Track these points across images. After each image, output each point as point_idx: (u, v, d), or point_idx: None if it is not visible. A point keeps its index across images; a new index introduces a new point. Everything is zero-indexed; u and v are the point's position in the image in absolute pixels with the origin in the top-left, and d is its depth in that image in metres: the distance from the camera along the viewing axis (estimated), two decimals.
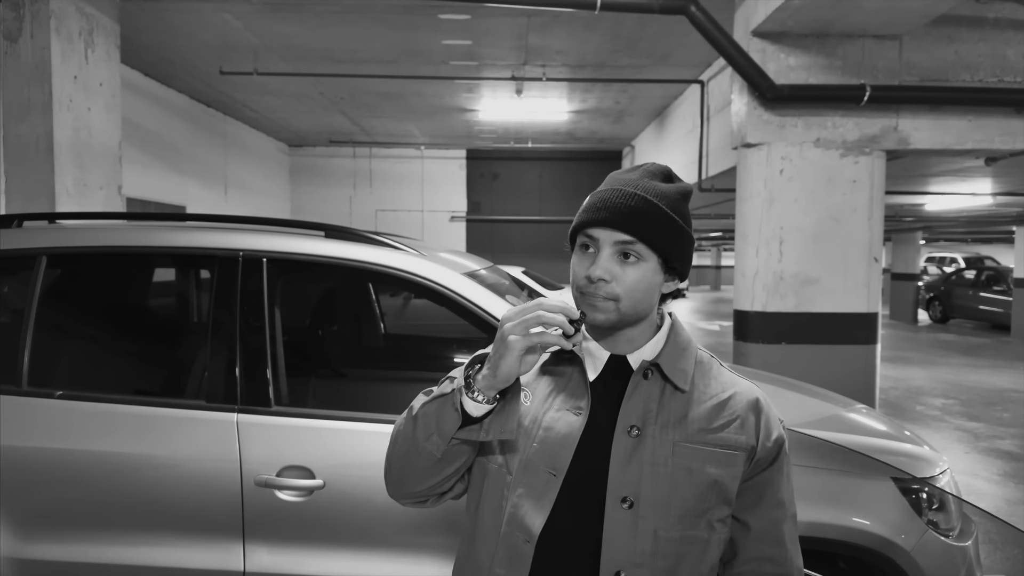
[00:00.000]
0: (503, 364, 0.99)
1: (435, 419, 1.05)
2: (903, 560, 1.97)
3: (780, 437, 1.12)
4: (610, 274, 1.04)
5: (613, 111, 9.27)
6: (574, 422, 1.07)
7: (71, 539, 2.03)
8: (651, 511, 1.03)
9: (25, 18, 3.96)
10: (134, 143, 7.41)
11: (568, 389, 1.10)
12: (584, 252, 1.07)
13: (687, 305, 21.66)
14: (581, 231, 1.08)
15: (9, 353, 2.15)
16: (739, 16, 4.53)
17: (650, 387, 1.08)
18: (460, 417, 1.03)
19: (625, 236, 1.04)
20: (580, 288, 1.06)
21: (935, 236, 22.85)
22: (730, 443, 1.07)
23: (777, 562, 1.13)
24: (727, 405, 1.10)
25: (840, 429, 2.32)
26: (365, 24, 6.00)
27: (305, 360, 2.66)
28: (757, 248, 4.50)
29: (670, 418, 1.07)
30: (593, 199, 1.08)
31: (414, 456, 1.08)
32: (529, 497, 1.06)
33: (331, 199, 12.67)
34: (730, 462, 1.07)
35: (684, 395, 1.08)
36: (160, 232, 2.35)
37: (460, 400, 1.03)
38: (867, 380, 4.59)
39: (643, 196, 1.05)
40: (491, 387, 1.01)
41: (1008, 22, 4.46)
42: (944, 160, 7.19)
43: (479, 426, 1.04)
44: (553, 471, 1.05)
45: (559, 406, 1.09)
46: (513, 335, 0.98)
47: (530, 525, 1.05)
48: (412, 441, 1.08)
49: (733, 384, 1.13)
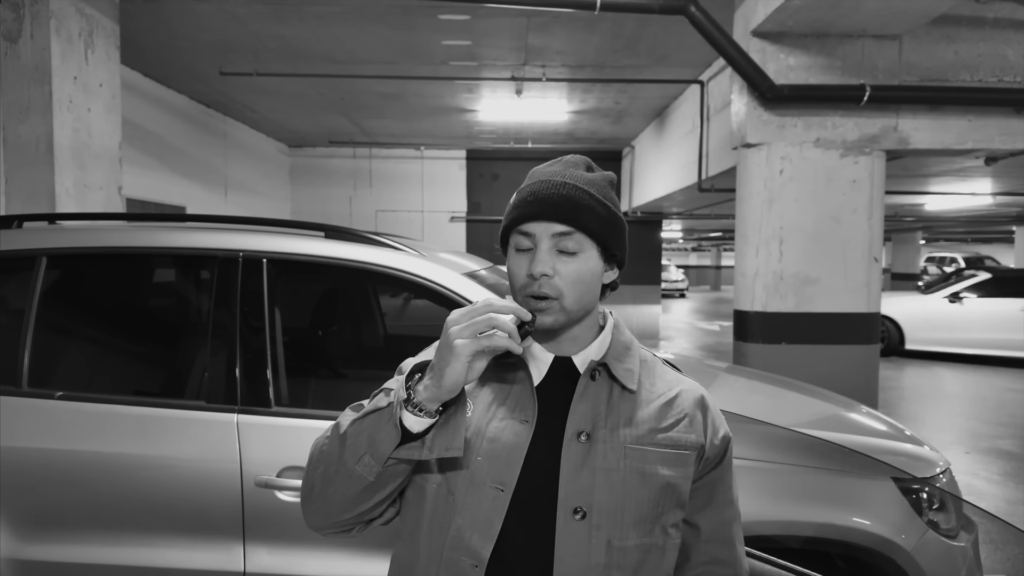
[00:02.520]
0: (449, 372, 0.90)
1: (368, 438, 0.94)
2: (903, 560, 1.97)
3: (727, 434, 1.10)
4: (552, 269, 0.99)
5: (613, 111, 9.27)
6: (521, 431, 1.00)
7: (71, 540, 2.03)
8: (604, 520, 0.98)
9: (25, 19, 3.96)
10: (134, 144, 7.41)
11: (512, 396, 1.03)
12: (520, 252, 1.02)
13: (687, 305, 21.65)
14: (514, 229, 1.02)
15: (9, 354, 2.15)
16: (739, 16, 4.53)
17: (598, 389, 1.03)
18: (399, 434, 0.93)
19: (563, 227, 0.99)
20: (523, 288, 1.00)
21: (935, 236, 22.87)
22: (680, 442, 1.03)
23: (728, 563, 1.10)
24: (674, 403, 1.06)
25: (840, 429, 2.32)
26: (365, 25, 6.00)
27: (305, 360, 2.66)
28: (757, 248, 4.50)
29: (619, 420, 1.02)
30: (522, 195, 1.03)
31: (342, 480, 0.97)
32: (475, 517, 0.98)
33: (331, 199, 12.67)
34: (682, 462, 1.03)
35: (632, 395, 1.04)
36: (160, 233, 2.35)
37: (399, 415, 0.93)
38: (867, 380, 4.59)
39: (573, 184, 1.01)
40: (435, 399, 0.92)
41: (1008, 22, 4.46)
42: (944, 160, 7.19)
43: (420, 443, 0.94)
44: (500, 486, 0.98)
45: (504, 415, 1.02)
46: (460, 339, 0.90)
47: (478, 548, 0.96)
48: (339, 463, 0.97)
49: (678, 382, 1.10)
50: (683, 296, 25.76)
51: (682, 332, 13.96)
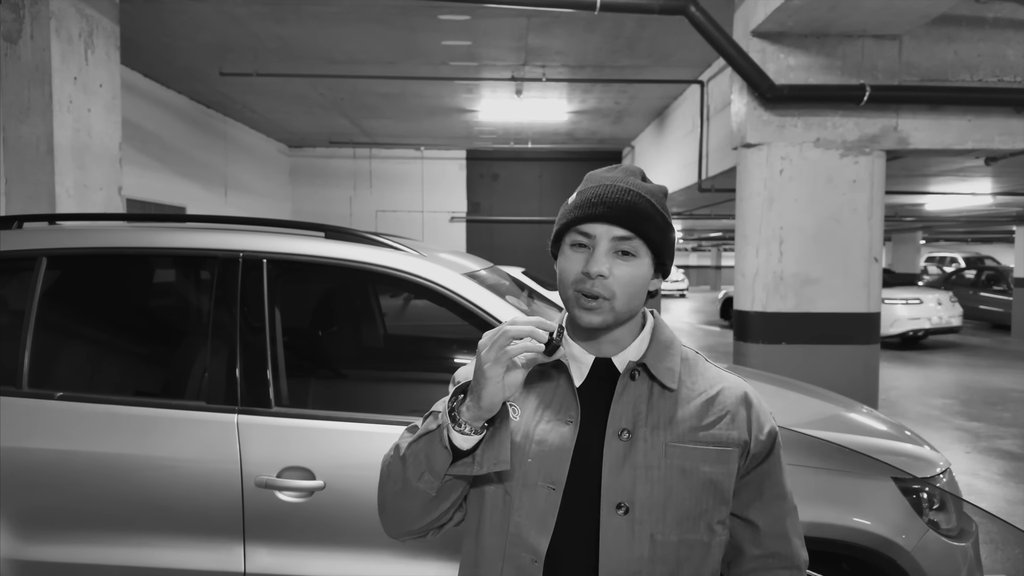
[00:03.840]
0: (485, 394, 0.96)
1: (424, 458, 1.02)
2: (904, 560, 1.97)
3: (773, 429, 1.11)
4: (608, 270, 1.01)
5: (613, 111, 9.27)
6: (566, 432, 1.04)
7: (72, 540, 2.03)
8: (647, 515, 1.01)
9: (25, 19, 3.96)
10: (134, 144, 7.41)
11: (556, 398, 1.08)
12: (577, 250, 1.04)
13: (687, 305, 21.66)
14: (573, 227, 1.05)
15: (9, 354, 2.15)
16: (739, 16, 4.53)
17: (638, 388, 1.06)
18: (450, 453, 1.00)
19: (624, 232, 1.02)
20: (576, 285, 1.03)
21: (935, 236, 22.87)
22: (722, 439, 1.05)
23: (784, 557, 1.11)
24: (716, 401, 1.08)
25: (841, 429, 2.32)
26: (365, 25, 6.00)
27: (305, 361, 2.66)
28: (757, 248, 4.50)
29: (660, 419, 1.04)
30: (586, 195, 1.05)
31: (408, 496, 1.05)
32: (531, 515, 1.04)
33: (331, 200, 12.67)
34: (724, 459, 1.05)
35: (672, 394, 1.06)
36: (160, 233, 2.35)
37: (448, 436, 1.00)
38: (868, 380, 4.59)
39: (638, 192, 1.04)
40: (477, 418, 0.99)
41: (1008, 22, 4.46)
42: (944, 160, 7.19)
43: (471, 459, 1.01)
44: (552, 485, 1.03)
45: (549, 417, 1.06)
46: (489, 363, 0.96)
47: (535, 544, 1.02)
48: (404, 481, 1.05)
49: (720, 379, 1.11)
50: (683, 296, 25.76)
51: (682, 332, 13.96)
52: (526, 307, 2.51)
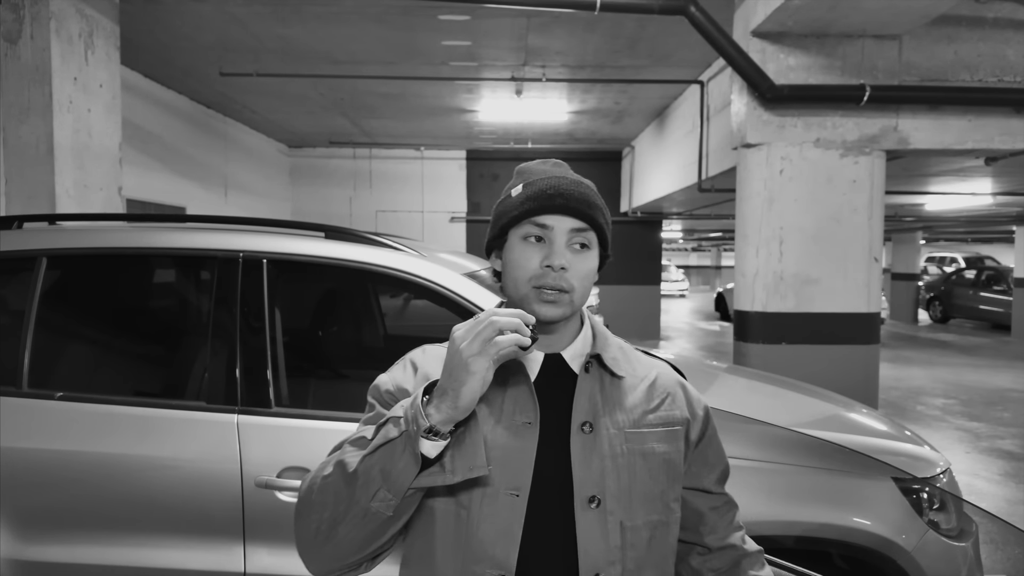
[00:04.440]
0: (466, 391, 0.89)
1: (381, 472, 0.92)
2: (904, 560, 1.97)
3: (705, 404, 1.16)
4: (569, 263, 1.00)
5: (613, 111, 9.27)
6: (527, 433, 1.00)
7: (72, 540, 2.03)
8: (616, 505, 1.01)
9: (25, 20, 3.96)
10: (134, 144, 7.41)
11: (511, 399, 1.02)
12: (532, 243, 1.02)
13: (687, 305, 21.65)
14: (528, 220, 1.02)
15: (10, 354, 2.15)
16: (738, 16, 4.53)
17: (592, 380, 1.06)
18: (419, 463, 0.91)
19: (581, 223, 1.02)
20: (534, 279, 1.00)
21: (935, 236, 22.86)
22: (668, 420, 1.09)
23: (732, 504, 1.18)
24: (656, 385, 1.11)
25: (841, 429, 2.32)
26: (365, 25, 6.00)
27: (305, 361, 2.66)
28: (757, 248, 4.50)
29: (615, 407, 1.05)
30: (539, 186, 1.03)
31: (355, 520, 0.94)
32: (495, 527, 0.97)
33: (331, 200, 12.66)
34: (674, 438, 1.08)
35: (620, 382, 1.08)
36: (160, 233, 2.36)
37: (417, 443, 0.90)
38: (868, 380, 4.59)
39: (588, 184, 1.06)
40: (450, 420, 0.90)
41: (1008, 22, 4.46)
42: (944, 160, 7.18)
43: (439, 467, 0.92)
44: (515, 491, 0.97)
45: (507, 420, 1.01)
46: (472, 355, 0.88)
47: (502, 557, 0.96)
48: (350, 503, 0.94)
49: (653, 365, 1.15)
50: (683, 296, 25.76)
51: (683, 332, 13.96)
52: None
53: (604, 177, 12.55)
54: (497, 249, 1.08)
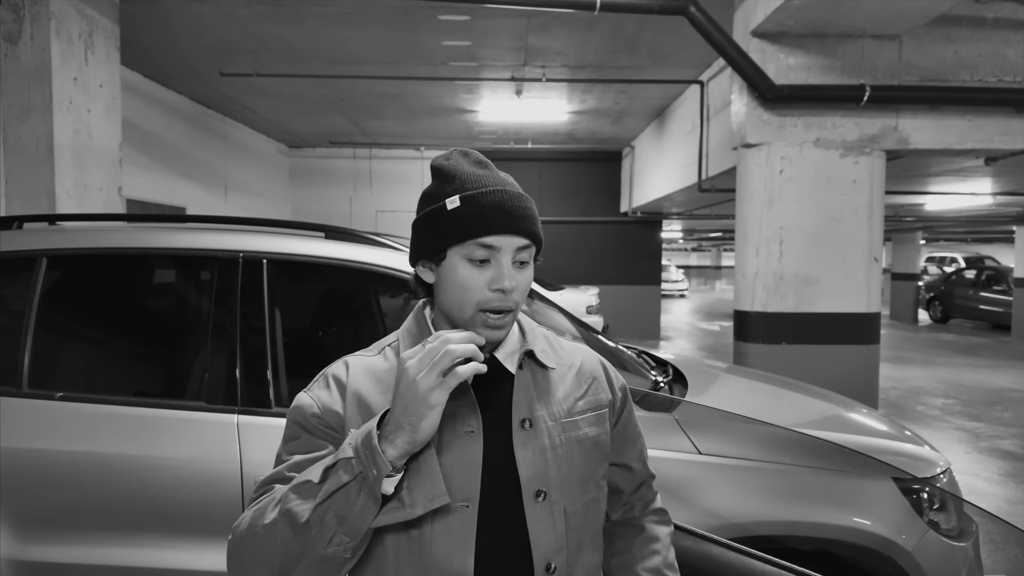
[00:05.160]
0: (424, 426, 0.86)
1: (335, 517, 0.88)
2: (904, 560, 1.97)
3: (623, 382, 1.19)
4: (516, 283, 0.98)
5: (613, 111, 9.27)
6: (471, 443, 0.98)
7: (72, 541, 2.03)
8: (560, 494, 1.03)
9: (25, 20, 3.96)
10: (134, 145, 7.41)
11: (451, 410, 0.96)
12: (477, 264, 0.97)
13: (687, 305, 21.65)
14: (473, 240, 0.96)
15: (10, 355, 2.15)
16: (738, 16, 4.53)
17: (526, 375, 1.06)
18: (379, 504, 0.88)
19: (525, 241, 0.99)
20: (484, 303, 0.97)
21: (935, 236, 22.86)
22: (597, 403, 1.12)
23: (649, 483, 1.23)
24: (582, 371, 1.13)
25: (841, 429, 2.32)
26: (365, 25, 6.00)
27: (305, 361, 2.66)
28: (757, 248, 4.50)
29: (549, 398, 1.07)
30: (482, 203, 0.96)
31: (311, 568, 0.90)
32: (449, 541, 0.95)
33: (331, 200, 12.67)
34: (601, 420, 1.11)
35: (551, 373, 1.09)
36: (160, 234, 2.36)
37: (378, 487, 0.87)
38: (868, 380, 4.60)
39: (527, 196, 1.02)
40: (406, 454, 0.87)
41: (1008, 22, 4.46)
42: (944, 160, 7.18)
43: (398, 502, 0.90)
44: (466, 503, 0.96)
45: (449, 433, 0.98)
46: (428, 385, 0.86)
47: (461, 568, 0.95)
48: (304, 552, 0.89)
49: (576, 351, 1.17)
50: (683, 296, 25.76)
51: (683, 332, 13.96)
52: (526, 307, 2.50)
53: (604, 177, 12.56)
54: (427, 260, 1.02)
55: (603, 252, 12.54)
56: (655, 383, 2.59)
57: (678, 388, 2.59)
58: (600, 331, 3.30)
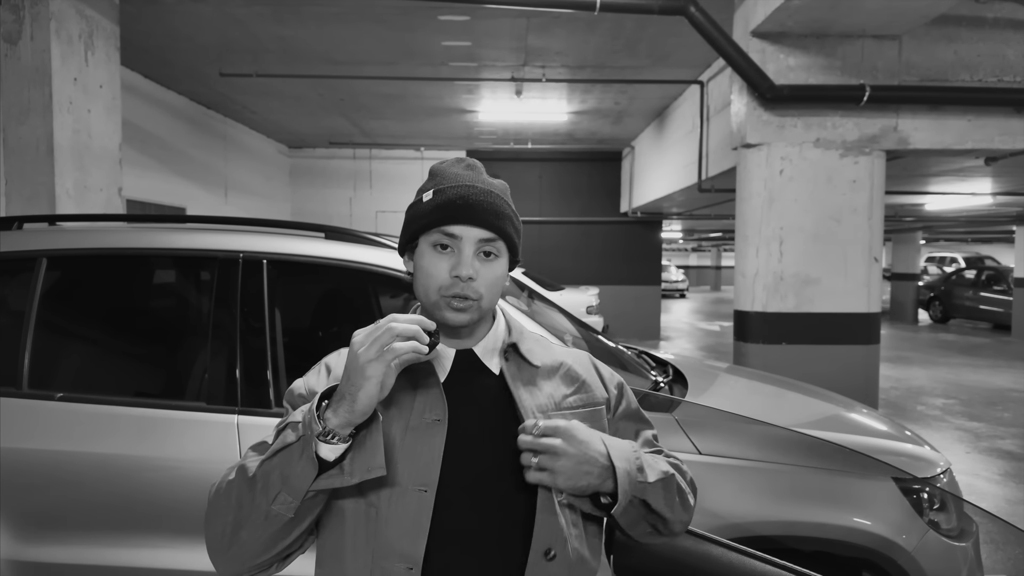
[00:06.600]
0: (363, 395, 0.90)
1: (279, 476, 0.94)
2: (904, 560, 1.97)
3: (619, 379, 1.22)
4: (476, 272, 1.03)
5: (613, 112, 9.27)
6: (435, 431, 1.02)
7: (72, 541, 2.03)
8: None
9: (25, 20, 3.96)
10: (134, 145, 7.41)
11: (419, 397, 1.04)
12: (440, 251, 1.04)
13: (687, 305, 21.65)
14: (436, 228, 1.04)
15: (10, 355, 2.15)
16: (738, 16, 4.53)
17: (511, 368, 1.11)
18: (316, 467, 0.92)
19: (488, 234, 1.04)
20: (444, 288, 1.03)
21: (935, 236, 22.86)
22: (590, 401, 1.14)
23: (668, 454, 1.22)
24: (570, 372, 1.16)
25: (841, 429, 2.32)
26: (364, 26, 6.00)
27: (305, 361, 2.66)
28: (757, 248, 4.50)
29: (535, 391, 1.10)
30: (447, 195, 1.05)
31: (257, 523, 0.96)
32: (403, 522, 0.99)
33: (331, 200, 12.67)
34: (597, 416, 1.13)
35: (536, 370, 1.12)
36: (160, 234, 2.36)
37: (314, 447, 0.92)
38: (868, 380, 4.59)
39: (497, 194, 1.08)
40: (348, 424, 0.92)
41: (1008, 22, 4.46)
42: (944, 160, 7.19)
43: (339, 470, 0.94)
44: (423, 487, 0.99)
45: (417, 419, 1.03)
46: (369, 360, 0.90)
47: (410, 551, 0.98)
48: (252, 507, 0.96)
49: (564, 353, 1.20)
50: (683, 296, 25.76)
51: (683, 332, 13.96)
52: (526, 307, 2.51)
53: (604, 177, 12.56)
54: (409, 252, 1.10)
55: (603, 252, 12.54)
56: (655, 383, 2.59)
57: (678, 388, 2.58)
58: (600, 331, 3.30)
